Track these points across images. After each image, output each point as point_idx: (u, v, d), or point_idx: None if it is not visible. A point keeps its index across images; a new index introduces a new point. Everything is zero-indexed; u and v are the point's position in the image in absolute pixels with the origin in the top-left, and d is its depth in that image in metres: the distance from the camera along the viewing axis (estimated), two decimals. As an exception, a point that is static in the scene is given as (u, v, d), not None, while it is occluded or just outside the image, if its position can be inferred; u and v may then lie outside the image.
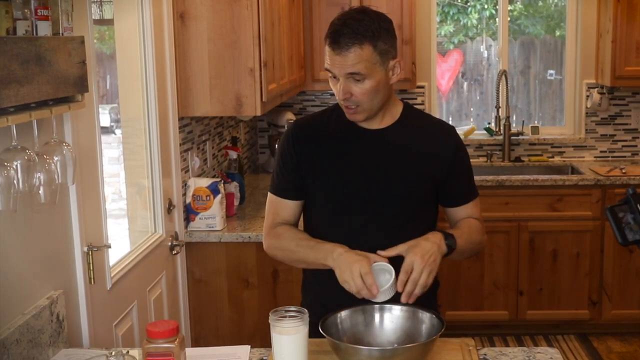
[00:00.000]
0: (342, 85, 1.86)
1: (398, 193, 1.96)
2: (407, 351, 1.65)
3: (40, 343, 1.87)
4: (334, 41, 1.84)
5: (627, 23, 4.39)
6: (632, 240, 1.73)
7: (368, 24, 1.84)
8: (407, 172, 1.97)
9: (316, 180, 2.01)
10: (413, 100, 4.87)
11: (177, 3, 3.08)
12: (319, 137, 2.01)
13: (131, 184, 3.06)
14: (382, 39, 1.86)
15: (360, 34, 1.82)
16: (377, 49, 1.84)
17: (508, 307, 4.38)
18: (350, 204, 1.97)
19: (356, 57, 1.82)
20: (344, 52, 1.82)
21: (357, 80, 1.85)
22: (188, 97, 3.16)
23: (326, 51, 1.88)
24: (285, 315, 1.65)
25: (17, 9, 1.70)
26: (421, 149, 1.99)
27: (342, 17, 1.87)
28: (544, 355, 1.84)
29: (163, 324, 1.60)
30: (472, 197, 2.12)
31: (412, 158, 1.98)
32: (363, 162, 1.97)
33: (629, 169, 4.44)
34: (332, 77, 1.90)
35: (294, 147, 2.02)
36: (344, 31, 1.83)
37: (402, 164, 1.97)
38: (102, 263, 2.38)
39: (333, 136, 2.00)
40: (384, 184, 1.95)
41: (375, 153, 1.97)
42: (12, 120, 1.63)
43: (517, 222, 4.29)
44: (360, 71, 1.84)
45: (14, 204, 1.65)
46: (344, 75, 1.85)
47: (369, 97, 1.88)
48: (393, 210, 1.97)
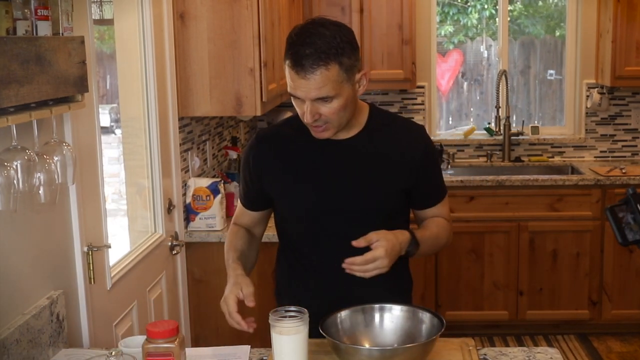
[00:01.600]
0: (309, 108, 1.76)
1: (369, 202, 1.91)
2: (407, 351, 1.65)
3: (40, 343, 1.87)
4: (296, 64, 1.72)
5: (627, 23, 4.39)
6: (632, 240, 1.73)
7: (330, 39, 1.72)
8: (377, 181, 1.90)
9: (282, 196, 1.96)
10: (413, 100, 4.87)
11: (177, 3, 3.08)
12: (283, 151, 1.94)
13: (131, 184, 3.06)
14: (346, 53, 1.75)
15: (324, 53, 1.71)
16: (342, 67, 1.74)
17: (508, 307, 4.38)
18: (321, 216, 1.92)
19: (323, 79, 1.72)
20: (309, 75, 1.71)
21: (325, 101, 1.76)
22: (188, 97, 3.16)
23: (287, 72, 1.77)
24: (285, 316, 1.65)
25: (17, 9, 1.70)
26: (390, 154, 1.92)
27: (301, 34, 1.74)
28: (544, 355, 1.84)
29: (163, 324, 1.60)
30: (442, 196, 2.05)
31: (381, 165, 1.91)
32: (331, 174, 1.90)
33: (629, 169, 4.44)
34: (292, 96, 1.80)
35: (256, 163, 1.96)
36: (306, 52, 1.71)
37: (371, 172, 1.90)
38: (102, 263, 2.38)
39: (299, 149, 1.93)
40: (354, 194, 1.89)
41: (343, 164, 1.90)
42: (12, 120, 1.63)
43: (517, 222, 4.29)
44: (328, 94, 1.74)
45: (14, 204, 1.65)
46: (311, 99, 1.76)
47: (338, 115, 1.80)
48: (365, 220, 1.90)
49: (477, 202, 4.28)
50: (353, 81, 1.79)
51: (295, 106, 1.83)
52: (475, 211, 4.29)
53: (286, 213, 1.99)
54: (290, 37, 1.77)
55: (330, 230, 1.92)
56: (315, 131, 1.84)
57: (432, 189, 2.02)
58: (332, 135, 1.86)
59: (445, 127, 5.12)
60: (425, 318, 1.78)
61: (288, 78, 1.78)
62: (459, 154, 4.91)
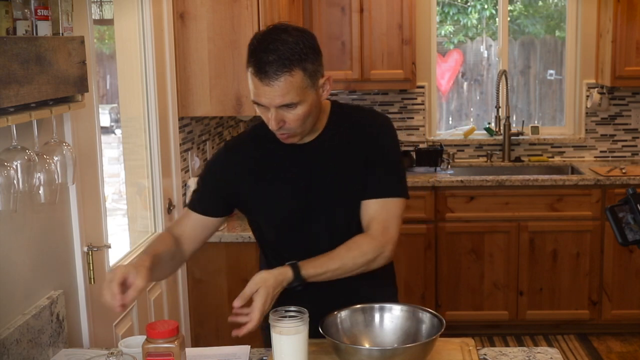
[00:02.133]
0: (274, 115, 1.74)
1: (341, 201, 1.89)
2: (407, 351, 1.65)
3: (40, 343, 1.87)
4: (260, 71, 1.69)
5: (627, 23, 4.39)
6: (632, 240, 1.73)
7: (293, 45, 1.70)
8: (345, 178, 1.89)
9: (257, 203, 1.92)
10: (413, 100, 4.87)
11: (177, 3, 3.08)
12: (253, 159, 1.91)
13: (131, 184, 3.06)
14: (310, 59, 1.73)
15: (288, 59, 1.69)
16: (306, 73, 1.72)
17: (508, 307, 4.38)
18: (296, 220, 1.90)
19: (287, 86, 1.70)
20: (272, 82, 1.69)
21: (289, 108, 1.73)
22: (188, 97, 3.16)
23: (250, 80, 1.73)
24: (285, 315, 1.65)
25: (17, 9, 1.70)
26: (353, 150, 1.89)
27: (263, 41, 1.71)
28: (544, 355, 1.84)
29: (163, 324, 1.60)
30: (384, 193, 1.89)
31: (347, 162, 1.89)
32: (301, 178, 1.89)
33: (629, 169, 4.44)
34: (256, 103, 1.77)
35: (224, 173, 1.93)
36: (269, 58, 1.68)
37: (339, 171, 1.89)
38: (102, 263, 2.38)
39: (268, 156, 1.91)
40: (326, 195, 1.88)
41: (312, 166, 1.88)
42: (12, 120, 1.63)
43: (517, 222, 4.29)
44: (292, 101, 1.72)
45: (14, 204, 1.65)
46: (275, 106, 1.73)
47: (302, 121, 1.78)
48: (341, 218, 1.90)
49: (477, 202, 4.28)
50: (317, 86, 1.77)
51: (260, 113, 1.80)
52: (475, 211, 4.29)
53: (262, 219, 1.97)
54: (252, 44, 1.73)
55: (308, 232, 1.91)
56: (282, 138, 1.83)
57: (373, 179, 1.89)
58: (298, 140, 1.84)
59: (445, 127, 5.12)
60: (425, 318, 1.78)
61: (251, 85, 1.74)
62: (459, 154, 4.91)
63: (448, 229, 4.31)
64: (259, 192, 1.91)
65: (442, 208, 4.29)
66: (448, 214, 4.29)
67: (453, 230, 4.31)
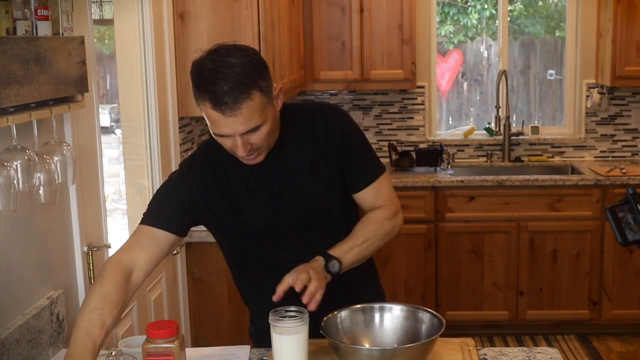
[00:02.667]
0: (240, 142, 1.66)
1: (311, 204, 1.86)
2: (407, 351, 1.65)
3: (40, 343, 1.87)
4: (218, 103, 1.60)
5: (627, 23, 4.39)
6: (632, 240, 1.73)
7: (242, 67, 1.61)
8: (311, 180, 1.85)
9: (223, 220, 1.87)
10: (413, 100, 4.87)
11: (177, 3, 3.09)
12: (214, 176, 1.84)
13: (131, 184, 3.06)
14: (262, 76, 1.66)
15: (243, 84, 1.60)
16: (263, 91, 1.65)
17: (508, 307, 4.38)
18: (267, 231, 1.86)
19: (249, 111, 1.62)
20: (235, 112, 1.61)
21: (254, 131, 1.67)
22: (188, 97, 3.16)
23: (206, 113, 1.64)
24: (285, 315, 1.65)
25: (17, 9, 1.70)
26: (312, 150, 1.84)
27: (212, 71, 1.61)
28: (544, 355, 1.84)
29: (163, 324, 1.60)
30: (374, 176, 1.91)
31: (309, 163, 1.84)
32: (266, 189, 1.84)
33: (629, 169, 4.44)
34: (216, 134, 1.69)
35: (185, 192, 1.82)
36: (224, 88, 1.59)
37: (303, 174, 1.85)
38: (102, 263, 2.38)
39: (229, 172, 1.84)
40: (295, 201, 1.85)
41: (275, 175, 1.83)
42: (12, 120, 1.63)
43: (517, 222, 4.29)
44: (257, 124, 1.65)
45: (14, 204, 1.65)
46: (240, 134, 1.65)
47: (267, 139, 1.72)
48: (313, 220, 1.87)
49: (477, 202, 4.28)
50: (272, 100, 1.71)
51: (221, 143, 1.72)
52: (475, 211, 4.29)
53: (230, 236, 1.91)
54: (199, 76, 1.64)
55: (281, 242, 1.87)
56: (248, 160, 1.75)
57: (358, 168, 1.90)
58: (264, 158, 1.77)
59: (445, 127, 5.12)
60: (425, 318, 1.78)
61: (208, 119, 1.66)
62: (459, 154, 4.91)
63: (448, 229, 4.31)
64: (228, 209, 1.84)
65: (442, 208, 4.29)
66: (448, 214, 4.29)
67: (453, 230, 4.30)
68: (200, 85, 1.63)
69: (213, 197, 1.84)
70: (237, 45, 1.69)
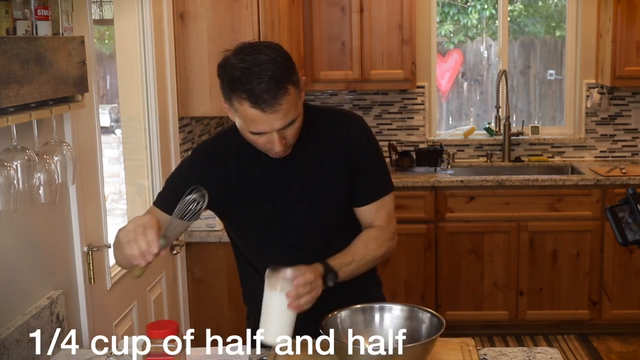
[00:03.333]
0: (277, 138, 1.68)
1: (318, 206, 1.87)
2: (407, 351, 1.65)
3: (40, 343, 1.87)
4: (258, 101, 1.61)
5: (627, 23, 4.39)
6: (632, 240, 1.73)
7: (274, 62, 1.63)
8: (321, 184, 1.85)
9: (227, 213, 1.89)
10: (413, 100, 4.87)
11: (177, 3, 3.08)
12: (227, 167, 1.84)
13: (131, 184, 3.06)
14: (292, 70, 1.67)
15: (280, 79, 1.62)
16: (295, 85, 1.67)
17: (508, 307, 4.38)
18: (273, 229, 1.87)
19: (288, 106, 1.64)
20: (276, 107, 1.62)
21: (289, 126, 1.68)
22: (188, 97, 3.16)
23: (243, 112, 1.64)
24: (279, 272, 1.67)
25: (17, 9, 1.70)
26: (327, 155, 1.85)
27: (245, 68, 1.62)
28: (544, 355, 1.84)
29: (163, 324, 1.60)
30: (379, 194, 1.91)
31: (322, 167, 1.85)
32: (277, 187, 1.84)
33: (629, 169, 4.44)
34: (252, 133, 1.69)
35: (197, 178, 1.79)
36: (262, 85, 1.60)
37: (315, 176, 1.85)
38: (102, 263, 2.38)
39: (237, 163, 1.84)
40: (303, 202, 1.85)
41: (288, 174, 1.84)
42: (12, 120, 1.63)
43: (517, 222, 4.29)
44: (292, 118, 1.67)
45: (14, 204, 1.65)
46: (277, 129, 1.67)
47: (298, 132, 1.74)
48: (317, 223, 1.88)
49: (477, 202, 4.28)
50: (301, 93, 1.72)
51: (252, 140, 1.72)
52: (475, 211, 4.29)
53: (236, 229, 1.94)
54: (231, 77, 1.64)
55: (285, 238, 1.88)
56: (278, 155, 1.76)
57: (367, 183, 1.90)
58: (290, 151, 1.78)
59: (445, 127, 5.12)
60: (425, 318, 1.78)
61: (244, 118, 1.66)
62: (459, 154, 4.91)
63: (448, 229, 4.30)
64: (233, 201, 1.85)
65: (442, 208, 4.29)
66: (448, 214, 4.29)
67: (453, 230, 4.30)
68: (235, 85, 1.64)
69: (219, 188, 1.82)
70: (261, 42, 1.72)
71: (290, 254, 1.85)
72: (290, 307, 1.67)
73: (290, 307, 1.67)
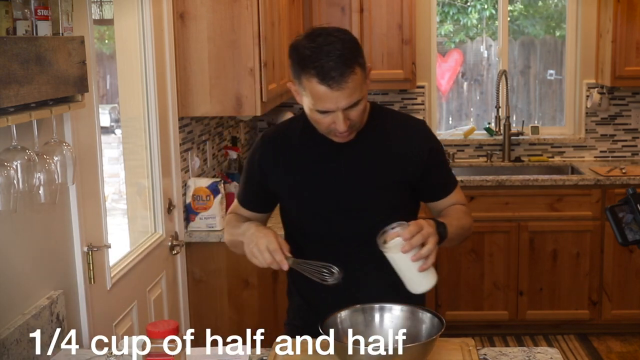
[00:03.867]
0: (341, 117, 1.74)
1: (375, 198, 1.91)
2: (407, 351, 1.65)
3: (40, 343, 1.87)
4: (326, 78, 1.69)
5: (627, 23, 4.39)
6: (632, 240, 1.73)
7: (343, 44, 1.71)
8: (382, 176, 1.90)
9: (291, 196, 1.96)
10: (413, 100, 4.87)
11: (177, 3, 3.08)
12: (288, 151, 1.94)
13: (131, 184, 3.06)
14: (360, 53, 1.75)
15: (347, 59, 1.70)
16: (361, 67, 1.74)
17: (508, 307, 4.38)
18: (330, 215, 1.92)
19: (354, 85, 1.71)
20: (342, 85, 1.69)
21: (353, 106, 1.75)
22: (188, 97, 3.16)
23: (310, 89, 1.72)
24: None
25: (17, 9, 1.70)
26: (393, 149, 1.91)
27: (315, 47, 1.71)
28: (544, 355, 1.84)
29: (163, 324, 1.60)
30: (451, 188, 2.03)
31: (385, 161, 1.91)
32: (339, 173, 1.90)
33: (629, 169, 4.44)
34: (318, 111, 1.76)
35: (260, 163, 1.96)
36: (329, 64, 1.68)
37: (376, 168, 1.90)
38: (102, 263, 2.38)
39: (305, 150, 1.92)
40: (361, 191, 1.90)
41: (349, 162, 1.90)
42: (12, 120, 1.63)
43: (517, 222, 4.29)
44: (358, 98, 1.74)
45: (14, 204, 1.65)
46: (342, 108, 1.74)
47: (362, 116, 1.81)
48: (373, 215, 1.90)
49: (477, 202, 4.28)
50: (366, 78, 1.80)
51: (318, 120, 1.79)
52: (475, 211, 4.27)
53: (294, 213, 1.99)
54: (301, 55, 1.73)
55: (340, 227, 1.92)
56: (342, 137, 1.82)
57: (439, 182, 2.01)
58: (354, 136, 1.86)
59: (445, 127, 5.12)
60: (425, 318, 1.78)
61: (311, 95, 1.73)
62: (459, 154, 4.91)
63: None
64: (294, 183, 1.93)
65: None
66: (448, 214, 4.29)
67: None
68: (305, 63, 1.72)
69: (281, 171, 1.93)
70: (332, 26, 1.80)
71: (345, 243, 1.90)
72: (414, 260, 1.71)
73: (414, 259, 1.71)
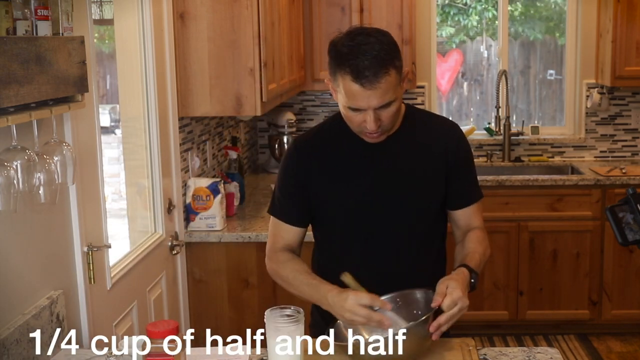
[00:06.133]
0: (372, 116, 1.76)
1: (412, 200, 1.92)
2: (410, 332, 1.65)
3: (40, 343, 1.87)
4: (359, 76, 1.71)
5: (627, 23, 4.39)
6: (632, 240, 1.73)
7: (381, 45, 1.73)
8: (418, 178, 1.92)
9: (326, 200, 1.95)
10: (413, 100, 4.87)
11: (177, 3, 3.08)
12: (322, 156, 1.95)
13: (131, 184, 3.06)
14: (397, 55, 1.76)
15: (383, 60, 1.71)
16: (397, 69, 1.76)
17: (508, 307, 4.38)
18: (366, 217, 1.92)
19: (387, 86, 1.73)
20: (374, 85, 1.71)
21: (385, 107, 1.77)
22: (188, 97, 3.16)
23: (346, 87, 1.74)
24: (283, 315, 1.65)
25: (17, 9, 1.70)
26: (428, 151, 1.93)
27: (352, 46, 1.73)
28: (544, 355, 1.84)
29: (163, 324, 1.60)
30: (476, 198, 2.03)
31: (420, 163, 1.93)
32: (374, 175, 1.91)
33: (629, 169, 4.44)
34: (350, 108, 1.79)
35: (297, 170, 1.96)
36: (364, 63, 1.70)
37: (412, 170, 1.92)
38: (102, 263, 2.38)
39: (340, 152, 1.93)
40: (397, 193, 1.91)
41: (385, 163, 1.91)
42: (12, 120, 1.63)
43: (517, 222, 4.29)
44: (390, 99, 1.76)
45: (14, 204, 1.65)
46: (373, 108, 1.76)
47: (394, 118, 1.83)
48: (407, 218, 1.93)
49: (477, 202, 4.28)
50: (402, 81, 1.81)
51: (350, 117, 1.81)
52: (475, 211, 4.29)
53: (329, 217, 1.98)
54: (339, 53, 1.75)
55: (376, 229, 1.93)
56: (371, 137, 1.84)
57: (464, 187, 2.00)
58: (384, 137, 1.87)
59: (445, 127, 5.11)
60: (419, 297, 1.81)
61: (345, 92, 1.75)
62: (459, 154, 4.90)
63: (448, 228, 4.29)
64: (330, 186, 1.93)
65: (442, 208, 4.28)
66: (448, 214, 4.29)
67: (453, 230, 4.30)
68: (341, 61, 1.74)
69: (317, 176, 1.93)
70: (372, 27, 1.81)
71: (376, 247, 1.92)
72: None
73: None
